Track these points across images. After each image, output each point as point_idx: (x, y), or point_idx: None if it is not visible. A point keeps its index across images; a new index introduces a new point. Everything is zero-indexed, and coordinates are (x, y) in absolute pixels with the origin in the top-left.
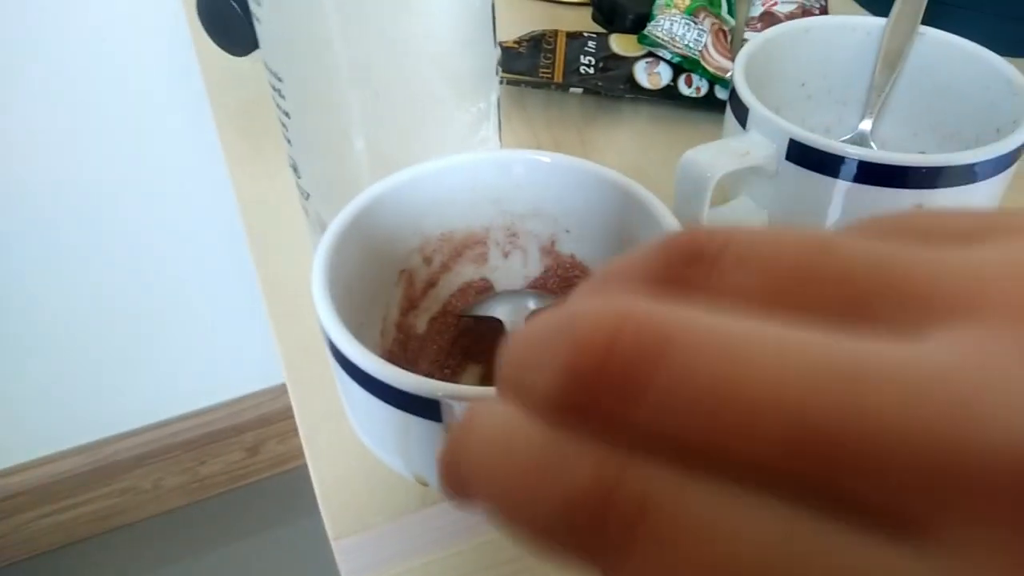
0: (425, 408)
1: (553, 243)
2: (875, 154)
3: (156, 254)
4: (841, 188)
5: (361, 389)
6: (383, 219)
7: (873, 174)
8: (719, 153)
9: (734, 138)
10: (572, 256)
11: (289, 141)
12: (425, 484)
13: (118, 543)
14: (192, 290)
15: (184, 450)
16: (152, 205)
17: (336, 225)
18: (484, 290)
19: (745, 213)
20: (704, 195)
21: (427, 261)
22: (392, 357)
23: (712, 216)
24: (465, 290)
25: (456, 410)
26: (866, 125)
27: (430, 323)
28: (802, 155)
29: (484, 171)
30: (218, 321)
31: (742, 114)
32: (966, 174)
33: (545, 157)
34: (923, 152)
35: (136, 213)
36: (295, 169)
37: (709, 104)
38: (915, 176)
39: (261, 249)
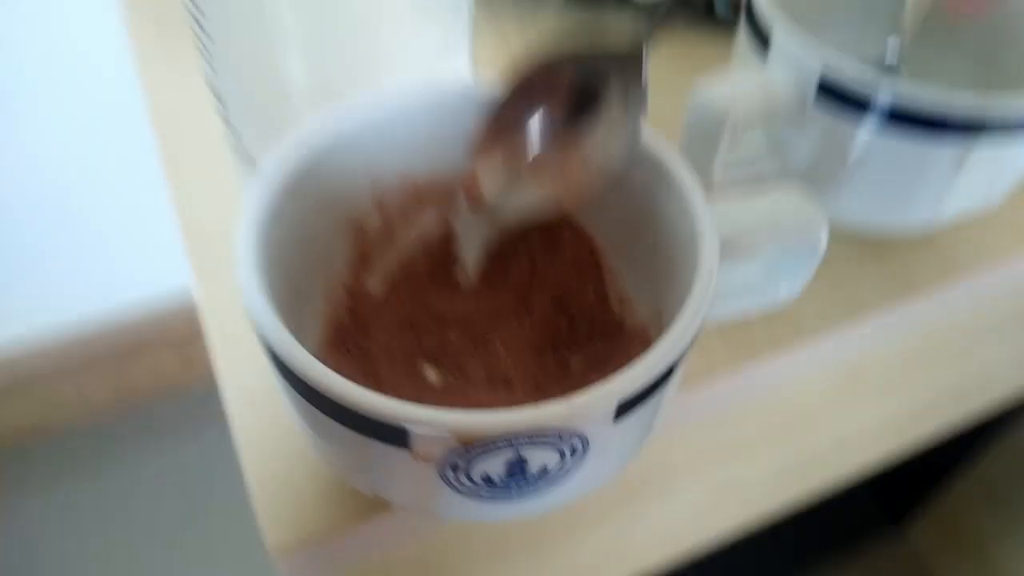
0: (389, 434)
1: None
2: (925, 95)
3: (64, 141)
4: (877, 132)
5: (307, 403)
6: (328, 162)
7: (917, 119)
8: (737, 90)
9: (754, 71)
10: None
11: (210, 64)
12: (389, 501)
13: (43, 453)
14: (116, 182)
15: (110, 355)
16: (61, 99)
17: (269, 176)
18: (449, 242)
19: (757, 158)
20: (718, 140)
21: (381, 209)
22: (342, 330)
23: (725, 162)
24: (429, 243)
25: (425, 437)
26: (899, 54)
27: (387, 285)
28: (834, 91)
29: (453, 104)
30: (146, 215)
31: (761, 37)
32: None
33: None
34: (972, 93)
35: (45, 103)
36: (218, 96)
37: (712, 20)
38: (969, 124)
39: (179, 174)
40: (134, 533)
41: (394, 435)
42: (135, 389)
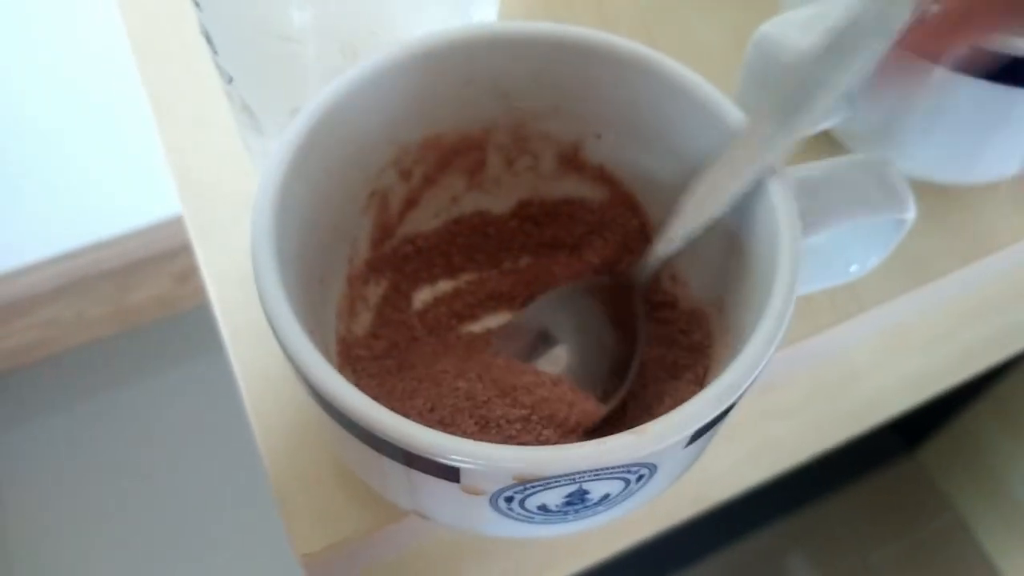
0: (437, 469)
1: (577, 150)
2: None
3: (52, 88)
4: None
5: (344, 431)
6: (345, 129)
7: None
8: (810, 27)
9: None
10: (601, 167)
11: (197, 3)
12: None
13: (42, 376)
14: (110, 105)
15: (107, 278)
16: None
17: (281, 155)
18: (477, 214)
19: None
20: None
21: (405, 176)
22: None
23: None
24: (453, 210)
25: (479, 474)
26: None
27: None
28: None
29: (484, 54)
30: (143, 138)
31: None
32: None
33: (573, 34)
34: None
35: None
36: (208, 39)
37: None
38: None
39: (168, 117)
40: (132, 456)
41: (443, 471)
42: (134, 310)
